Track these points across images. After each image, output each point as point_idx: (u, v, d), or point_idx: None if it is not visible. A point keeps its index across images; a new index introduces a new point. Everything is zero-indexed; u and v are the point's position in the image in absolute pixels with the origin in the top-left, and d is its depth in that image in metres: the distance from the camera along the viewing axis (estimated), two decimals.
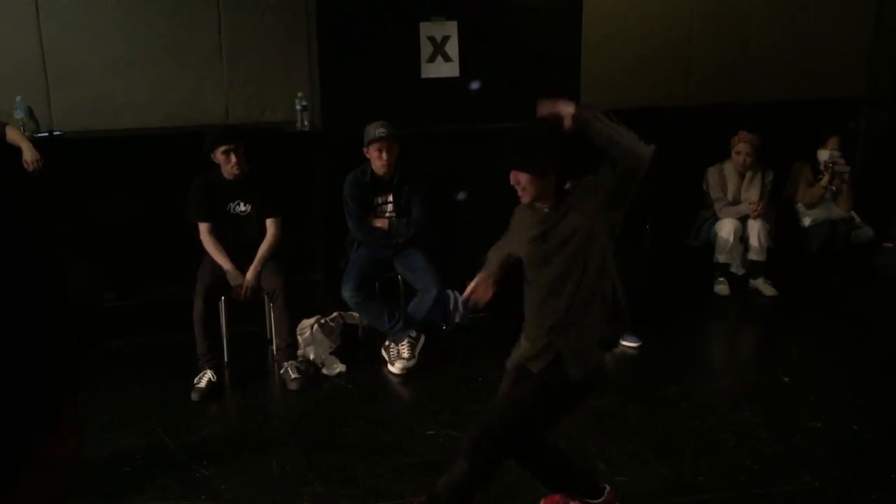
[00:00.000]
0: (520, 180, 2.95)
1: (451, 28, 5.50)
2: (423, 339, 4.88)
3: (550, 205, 2.99)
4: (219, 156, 4.59)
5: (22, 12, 5.13)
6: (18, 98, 4.91)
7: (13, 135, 4.65)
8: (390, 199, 4.97)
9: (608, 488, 3.20)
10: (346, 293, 4.81)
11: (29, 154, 4.60)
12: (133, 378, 4.70)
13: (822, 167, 6.11)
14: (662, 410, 4.24)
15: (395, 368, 4.75)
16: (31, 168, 4.60)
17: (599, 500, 3.17)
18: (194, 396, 4.42)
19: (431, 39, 5.51)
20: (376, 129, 4.79)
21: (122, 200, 5.18)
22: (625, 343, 5.04)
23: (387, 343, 4.86)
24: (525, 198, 2.99)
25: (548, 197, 2.98)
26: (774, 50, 6.54)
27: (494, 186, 3.41)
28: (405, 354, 4.75)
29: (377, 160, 4.83)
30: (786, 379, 4.65)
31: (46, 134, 5.04)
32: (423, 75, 5.52)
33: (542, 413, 2.97)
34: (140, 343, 5.13)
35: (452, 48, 5.53)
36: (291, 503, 3.44)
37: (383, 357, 4.85)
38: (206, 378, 4.49)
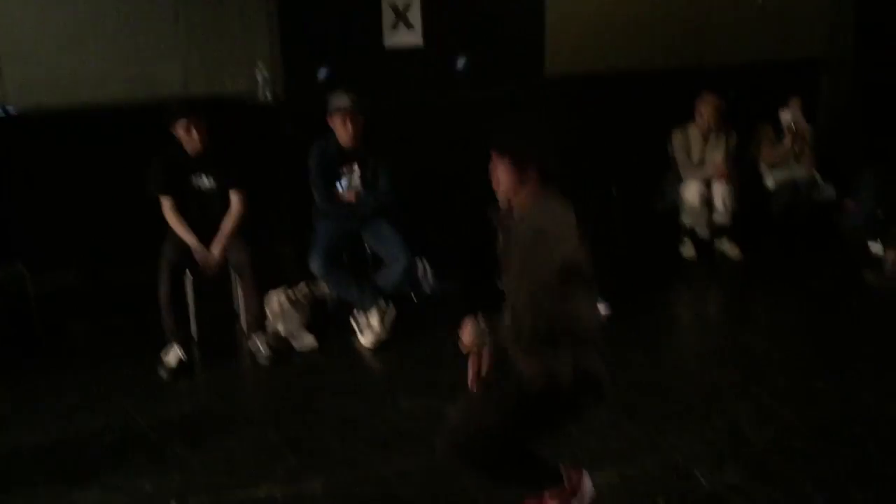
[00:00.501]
0: (497, 167, 2.77)
1: None
2: (393, 312, 4.86)
3: (519, 207, 2.80)
4: (179, 130, 4.50)
5: None
6: None
7: None
8: (356, 168, 4.92)
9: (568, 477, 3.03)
10: (314, 265, 4.77)
11: None
12: (99, 359, 4.63)
13: (784, 128, 6.16)
14: (631, 373, 4.28)
15: (365, 341, 4.73)
16: None
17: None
18: (163, 374, 4.38)
19: (393, 7, 5.44)
20: (339, 99, 4.72)
21: (80, 177, 5.07)
22: None
23: (355, 312, 4.84)
24: (497, 189, 2.80)
25: (520, 196, 2.78)
26: (736, 13, 6.55)
27: (461, 156, 3.38)
28: (376, 327, 4.74)
29: (342, 130, 4.77)
30: (752, 339, 4.72)
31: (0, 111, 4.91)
32: (386, 44, 5.46)
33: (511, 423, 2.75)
34: (106, 324, 5.06)
35: (415, 15, 5.47)
36: (265, 477, 3.43)
37: (352, 327, 4.83)
38: (174, 355, 4.44)
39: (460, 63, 5.53)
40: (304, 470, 3.47)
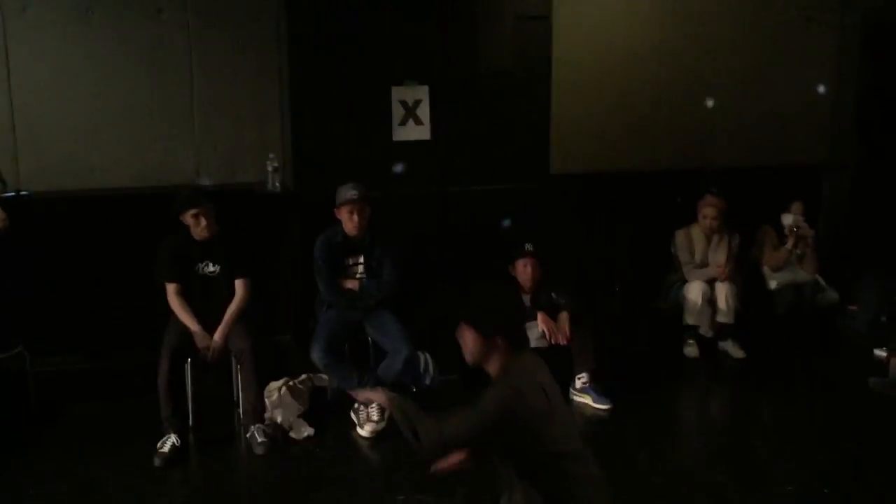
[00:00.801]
0: (463, 334, 2.84)
1: (422, 92, 5.59)
2: None
3: (491, 373, 2.85)
4: (188, 218, 4.57)
5: None
6: None
7: None
8: (361, 260, 4.97)
9: None
10: (315, 355, 4.76)
11: None
12: (95, 443, 4.57)
13: (786, 231, 6.21)
14: (633, 473, 4.20)
15: (364, 432, 4.68)
16: None
17: None
18: (157, 462, 4.31)
19: (403, 103, 5.59)
20: (348, 191, 4.80)
21: (88, 261, 5.11)
22: (596, 405, 5.03)
23: (356, 406, 4.79)
24: (467, 357, 2.85)
25: (489, 363, 2.84)
26: (739, 117, 6.70)
27: (465, 248, 3.41)
28: (374, 417, 4.69)
29: (348, 221, 4.83)
30: (756, 441, 4.65)
31: (13, 194, 4.99)
32: (395, 138, 5.58)
33: None
34: (104, 407, 5.01)
35: (424, 112, 5.61)
36: None
37: (352, 420, 4.78)
38: (169, 442, 4.38)
39: (465, 157, 5.63)
40: None
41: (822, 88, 6.80)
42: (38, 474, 4.20)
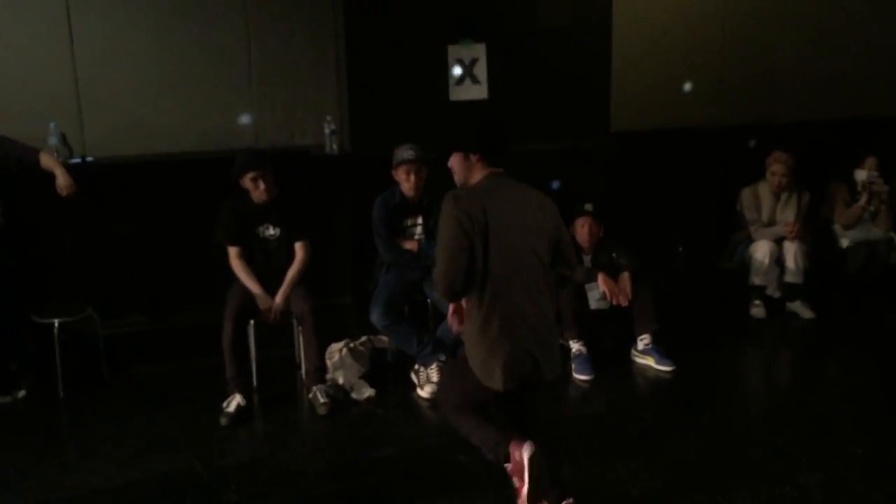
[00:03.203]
0: (452, 162, 3.26)
1: (479, 50, 5.50)
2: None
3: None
4: (247, 182, 4.60)
5: (56, 39, 5.22)
6: (52, 124, 4.98)
7: (47, 161, 4.70)
8: (420, 220, 4.95)
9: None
10: (375, 317, 4.78)
11: (62, 180, 4.64)
12: (162, 403, 4.69)
13: (859, 187, 6.00)
14: (698, 435, 4.14)
15: (424, 392, 4.70)
16: (64, 194, 4.64)
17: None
18: (223, 421, 4.40)
19: (460, 62, 5.52)
20: (405, 152, 4.78)
21: (152, 225, 5.20)
22: (658, 367, 4.96)
23: (416, 367, 4.81)
24: (456, 179, 3.26)
25: (472, 180, 3.21)
26: (808, 68, 6.46)
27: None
28: (434, 378, 4.71)
29: (406, 182, 4.81)
30: (824, 404, 4.53)
31: (79, 160, 5.09)
32: (452, 97, 5.52)
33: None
34: (169, 367, 5.13)
35: (481, 70, 5.52)
36: None
37: (412, 381, 4.80)
38: (235, 402, 4.47)
39: (523, 115, 5.54)
40: None
41: None
42: (109, 433, 4.33)
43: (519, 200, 3.20)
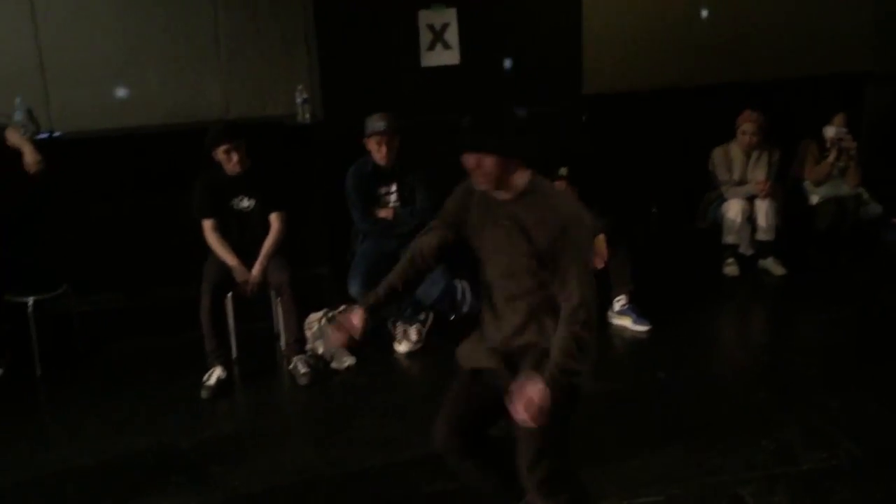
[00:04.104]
0: (482, 164, 2.65)
1: (450, 15, 5.46)
2: (431, 317, 4.96)
3: (511, 194, 2.72)
4: (220, 154, 4.54)
5: (18, 13, 5.11)
6: (17, 99, 4.88)
7: (13, 137, 4.61)
8: (394, 188, 4.94)
9: None
10: (354, 289, 4.79)
11: (30, 157, 4.54)
12: (141, 378, 4.67)
13: (828, 144, 6.06)
14: (676, 393, 4.21)
15: (401, 348, 4.82)
16: (32, 170, 4.55)
17: None
18: (204, 394, 4.40)
19: (431, 27, 5.47)
20: (376, 122, 4.75)
21: (125, 200, 5.15)
22: (635, 327, 5.01)
23: (395, 321, 4.87)
24: (485, 184, 2.70)
25: (508, 184, 2.70)
26: (778, 27, 6.48)
27: None
28: (413, 337, 4.83)
29: (377, 153, 4.80)
30: (798, 358, 4.62)
31: (46, 135, 5.01)
32: (424, 64, 5.48)
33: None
34: (148, 343, 5.10)
35: (452, 35, 5.48)
36: (307, 497, 3.42)
37: (391, 333, 4.89)
38: (215, 375, 4.46)
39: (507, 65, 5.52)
40: (345, 490, 3.46)
41: None
42: (89, 410, 4.32)
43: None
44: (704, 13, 6.33)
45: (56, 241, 5.04)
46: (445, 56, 5.50)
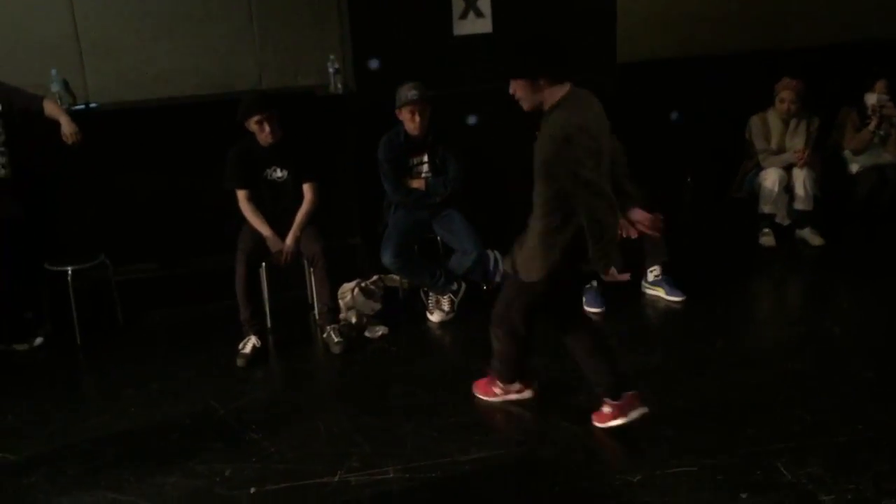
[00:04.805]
0: (515, 90, 3.13)
1: None
2: (464, 288, 4.97)
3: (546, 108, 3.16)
4: (252, 125, 4.56)
5: None
6: (53, 71, 4.93)
7: (51, 109, 4.67)
8: (425, 158, 4.93)
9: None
10: (387, 259, 4.81)
11: (68, 128, 4.60)
12: (179, 347, 4.75)
13: (869, 111, 5.93)
14: (710, 364, 4.18)
15: (433, 317, 4.87)
16: (70, 141, 4.61)
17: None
18: (239, 362, 4.46)
19: None
20: (408, 92, 4.73)
21: (159, 170, 5.19)
22: (669, 297, 4.98)
23: (427, 292, 4.92)
24: (525, 107, 3.15)
25: (543, 102, 3.13)
26: None
27: (531, 144, 3.33)
28: (445, 308, 4.86)
29: (410, 122, 4.78)
30: (835, 329, 4.56)
31: (83, 106, 5.06)
32: (456, 32, 5.43)
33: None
34: (184, 312, 5.18)
35: (485, 4, 5.42)
36: (340, 464, 3.46)
37: (423, 301, 4.93)
38: (250, 344, 4.52)
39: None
40: (378, 457, 3.50)
41: None
42: (128, 377, 4.39)
43: (599, 107, 3.25)
44: None
45: (93, 212, 5.11)
46: (478, 24, 5.44)
